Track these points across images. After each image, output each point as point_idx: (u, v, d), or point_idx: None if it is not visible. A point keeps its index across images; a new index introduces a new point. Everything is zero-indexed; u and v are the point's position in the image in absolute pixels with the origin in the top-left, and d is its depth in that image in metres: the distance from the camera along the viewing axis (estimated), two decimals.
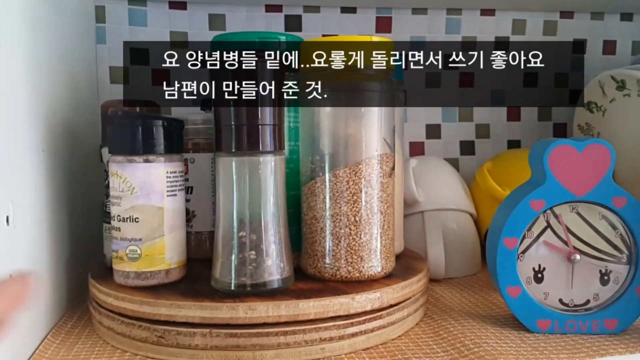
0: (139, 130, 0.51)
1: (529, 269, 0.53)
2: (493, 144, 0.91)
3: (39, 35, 0.54)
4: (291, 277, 0.51)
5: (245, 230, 0.49)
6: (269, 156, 0.49)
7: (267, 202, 0.49)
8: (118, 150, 0.51)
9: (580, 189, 0.51)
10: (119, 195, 0.51)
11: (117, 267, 0.52)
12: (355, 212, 0.53)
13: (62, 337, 0.53)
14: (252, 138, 0.48)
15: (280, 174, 0.50)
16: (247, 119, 0.48)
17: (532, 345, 0.50)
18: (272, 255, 0.49)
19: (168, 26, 0.80)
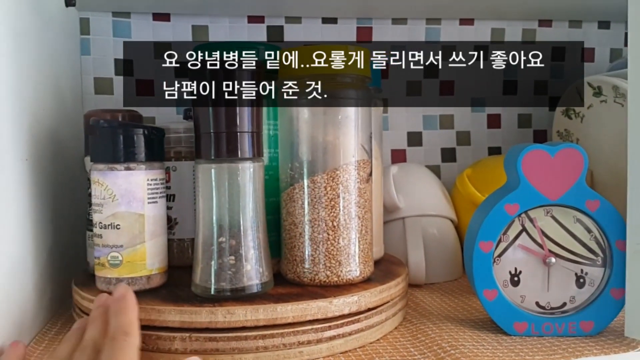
0: (120, 138, 0.51)
1: (505, 272, 0.54)
2: (474, 150, 0.93)
3: (23, 46, 0.54)
4: (270, 282, 0.52)
5: (225, 236, 0.50)
6: (247, 163, 0.50)
7: (246, 208, 0.50)
8: (99, 158, 0.52)
9: (554, 193, 0.52)
10: (100, 202, 0.52)
11: (99, 274, 0.53)
12: (333, 217, 0.53)
13: (45, 343, 0.53)
14: (230, 145, 0.49)
15: (259, 181, 0.51)
16: (226, 126, 0.49)
17: (508, 347, 0.50)
18: (251, 261, 0.50)
19: (152, 37, 0.81)
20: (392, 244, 0.72)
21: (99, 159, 0.52)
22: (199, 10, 0.82)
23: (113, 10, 0.79)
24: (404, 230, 0.73)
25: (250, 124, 0.49)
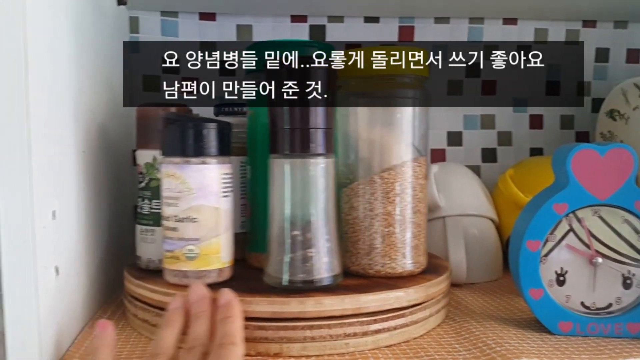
0: (196, 132, 0.52)
1: (551, 271, 0.54)
2: (515, 151, 0.92)
3: (82, 44, 0.56)
4: (341, 275, 0.53)
5: (298, 229, 0.51)
6: (320, 158, 0.51)
7: (319, 202, 0.51)
8: (174, 152, 0.52)
9: (602, 193, 0.52)
10: (175, 195, 0.52)
11: (172, 267, 0.53)
12: (399, 211, 0.57)
13: None
14: (304, 141, 0.50)
15: (330, 176, 0.52)
16: (301, 123, 0.50)
17: (553, 346, 0.50)
18: (323, 254, 0.51)
19: (198, 36, 0.83)
20: (433, 243, 0.72)
21: (174, 153, 0.52)
22: (244, 10, 0.83)
23: (161, 9, 0.81)
24: (444, 230, 0.73)
25: (323, 121, 0.51)
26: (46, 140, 0.45)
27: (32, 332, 0.43)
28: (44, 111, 0.45)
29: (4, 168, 0.41)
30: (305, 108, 0.50)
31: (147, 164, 0.58)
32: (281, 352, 0.48)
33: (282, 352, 0.48)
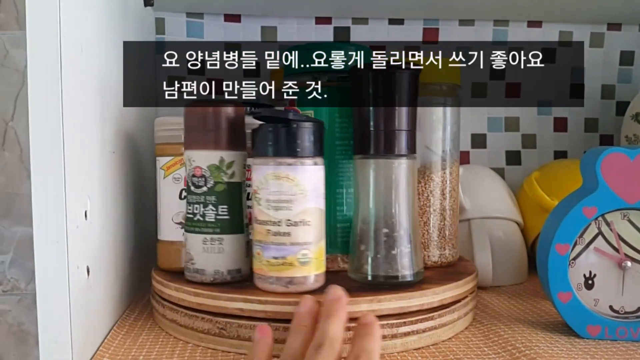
0: (310, 131, 0.50)
1: (579, 275, 0.54)
2: (539, 154, 0.92)
3: (110, 44, 0.57)
4: (421, 272, 0.54)
5: (381, 227, 0.53)
6: (403, 159, 0.53)
7: (402, 202, 0.53)
8: (285, 152, 0.50)
9: (632, 197, 0.52)
10: (289, 199, 0.49)
11: (282, 274, 0.50)
12: (450, 205, 0.63)
13: (126, 328, 0.56)
14: (388, 142, 0.52)
15: (413, 176, 0.54)
16: (386, 124, 0.52)
17: (582, 349, 0.50)
18: (405, 251, 0.52)
19: (223, 37, 0.83)
20: (459, 245, 0.72)
21: (285, 154, 0.50)
22: (268, 12, 0.84)
23: (187, 10, 0.82)
24: (469, 232, 0.73)
25: (407, 123, 0.53)
26: (77, 141, 0.46)
27: (64, 331, 0.43)
28: (75, 112, 0.45)
29: (39, 168, 0.42)
30: (390, 110, 0.52)
31: (212, 166, 0.53)
32: None
33: None
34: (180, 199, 0.59)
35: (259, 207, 0.50)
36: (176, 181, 0.59)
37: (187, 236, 0.54)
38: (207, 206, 0.53)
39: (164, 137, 0.60)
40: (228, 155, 0.53)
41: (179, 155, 0.58)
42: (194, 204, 0.53)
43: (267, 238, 0.50)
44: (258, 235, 0.51)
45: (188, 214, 0.54)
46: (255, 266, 0.51)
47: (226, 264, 0.53)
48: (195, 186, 0.53)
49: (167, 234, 0.59)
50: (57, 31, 0.41)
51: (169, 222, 0.59)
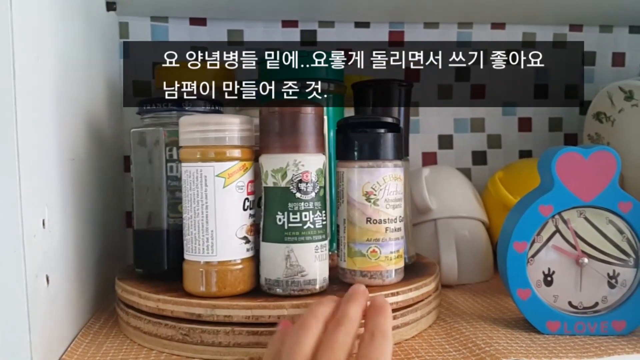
0: (402, 135, 0.57)
1: (538, 272, 0.55)
2: (505, 154, 0.93)
3: (69, 48, 0.57)
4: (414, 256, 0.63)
5: None
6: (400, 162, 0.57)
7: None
8: (397, 155, 0.55)
9: (587, 195, 0.53)
10: (400, 197, 0.55)
11: (395, 266, 0.55)
12: None
13: (91, 336, 0.56)
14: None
15: (406, 177, 0.61)
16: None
17: (542, 345, 0.51)
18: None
19: (189, 39, 0.83)
20: (424, 245, 0.73)
21: (395, 156, 0.55)
22: (235, 15, 0.83)
23: (151, 14, 0.82)
24: (435, 232, 0.74)
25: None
26: (33, 148, 0.45)
27: (24, 341, 0.43)
28: (30, 121, 0.45)
29: None
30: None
31: (319, 171, 0.52)
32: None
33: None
34: (244, 210, 0.53)
35: (375, 207, 0.54)
36: (240, 190, 0.52)
37: (293, 247, 0.51)
38: (316, 212, 0.52)
39: (219, 139, 0.52)
40: (325, 158, 0.54)
41: (243, 160, 0.52)
42: (301, 212, 0.51)
43: (385, 235, 0.54)
44: (374, 235, 0.54)
45: (293, 222, 0.51)
46: (365, 265, 0.54)
47: (327, 270, 0.54)
48: (302, 192, 0.51)
49: (228, 253, 0.52)
50: (10, 40, 0.41)
51: (231, 239, 0.52)
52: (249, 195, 0.53)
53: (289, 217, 0.51)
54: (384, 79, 0.64)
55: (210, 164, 0.51)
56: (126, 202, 0.80)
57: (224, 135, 0.52)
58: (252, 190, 0.53)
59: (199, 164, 0.52)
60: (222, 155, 0.51)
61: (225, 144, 0.52)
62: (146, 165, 0.58)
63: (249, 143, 0.53)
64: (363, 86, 0.63)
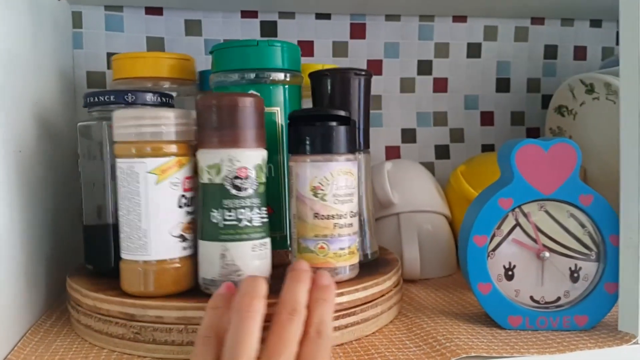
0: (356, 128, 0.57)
1: (499, 266, 0.54)
2: (467, 147, 0.93)
3: (16, 39, 0.54)
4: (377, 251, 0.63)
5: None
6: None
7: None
8: (348, 149, 0.53)
9: (547, 188, 0.53)
10: (352, 192, 0.53)
11: (345, 263, 0.53)
12: None
13: (40, 335, 0.54)
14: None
15: (367, 169, 0.61)
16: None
17: (503, 340, 0.51)
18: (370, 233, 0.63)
19: (145, 31, 0.81)
20: (387, 239, 0.72)
21: (347, 150, 0.53)
22: (192, 5, 0.81)
23: (105, 4, 0.79)
24: (398, 226, 0.73)
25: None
26: None
27: None
28: None
29: None
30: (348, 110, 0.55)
31: (257, 166, 0.49)
32: None
33: None
34: (179, 208, 0.50)
35: (323, 202, 0.51)
36: (174, 186, 0.50)
37: (228, 246, 0.49)
38: (254, 210, 0.49)
39: (152, 134, 0.49)
40: (265, 153, 0.51)
41: (176, 156, 0.50)
42: (237, 209, 0.48)
43: (334, 231, 0.52)
44: (322, 231, 0.52)
45: (228, 220, 0.48)
46: (314, 262, 0.51)
47: (269, 269, 0.51)
48: (238, 189, 0.48)
49: (162, 252, 0.50)
50: None
51: (164, 237, 0.50)
52: (185, 192, 0.51)
53: (224, 215, 0.48)
54: (341, 68, 0.62)
55: (142, 160, 0.49)
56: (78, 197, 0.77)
57: (156, 130, 0.49)
58: (190, 186, 0.51)
59: (131, 159, 0.49)
60: (154, 151, 0.49)
61: (157, 139, 0.49)
62: (92, 159, 0.56)
63: (186, 138, 0.50)
64: (320, 75, 0.60)
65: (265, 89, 0.56)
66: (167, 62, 0.64)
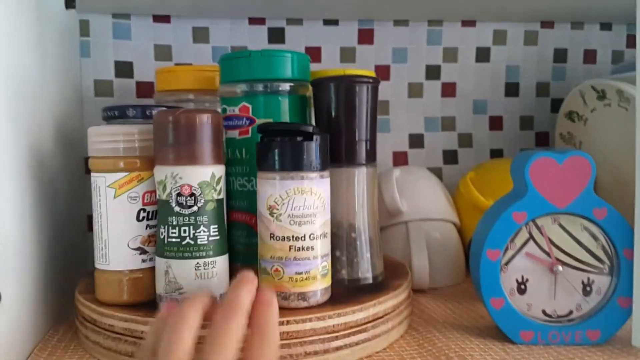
0: (325, 145, 0.51)
1: (512, 280, 0.54)
2: (476, 153, 0.92)
3: (23, 48, 0.54)
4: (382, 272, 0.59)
5: (351, 233, 0.57)
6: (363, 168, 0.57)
7: (367, 207, 0.57)
8: (309, 166, 0.49)
9: (561, 201, 0.52)
10: (313, 212, 0.49)
11: (302, 289, 0.50)
12: None
13: (48, 351, 0.53)
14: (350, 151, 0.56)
15: (373, 183, 0.58)
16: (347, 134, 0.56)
17: (515, 357, 0.50)
18: (375, 253, 0.57)
19: (152, 39, 0.80)
20: (395, 248, 0.72)
21: (310, 167, 0.49)
22: (200, 12, 0.81)
23: (113, 12, 0.79)
24: (407, 235, 0.72)
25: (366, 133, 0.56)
26: None
27: None
28: None
29: None
30: (352, 120, 0.56)
31: (203, 183, 0.48)
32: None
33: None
34: (138, 221, 0.52)
35: (277, 222, 0.49)
36: (133, 200, 0.52)
37: (171, 263, 0.48)
38: (199, 227, 0.48)
39: (111, 150, 0.51)
40: (218, 169, 0.49)
41: (135, 171, 0.51)
42: (180, 226, 0.48)
43: (289, 254, 0.49)
44: (277, 252, 0.49)
45: (172, 237, 0.48)
46: (271, 284, 0.49)
47: (218, 289, 0.49)
48: (182, 206, 0.48)
49: (120, 263, 0.52)
50: None
51: (122, 249, 0.52)
52: (145, 206, 0.52)
53: (169, 231, 0.48)
54: (346, 75, 0.60)
55: (101, 175, 0.52)
56: (87, 205, 0.77)
57: (114, 147, 0.51)
58: (153, 200, 0.52)
59: (95, 174, 0.52)
60: (111, 166, 0.52)
61: (114, 155, 0.51)
62: None
63: (149, 153, 0.51)
64: (321, 83, 0.57)
65: (273, 99, 0.56)
66: (210, 74, 0.67)
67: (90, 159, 0.53)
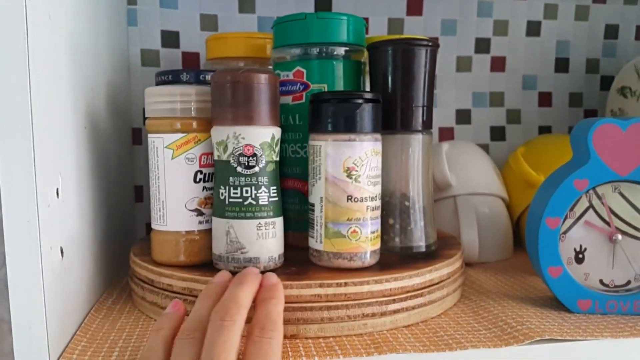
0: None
1: (570, 249, 0.53)
2: (524, 129, 0.91)
3: (78, 17, 0.54)
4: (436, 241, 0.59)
5: (404, 201, 0.56)
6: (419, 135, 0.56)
7: (420, 176, 0.57)
8: (378, 128, 0.50)
9: (624, 169, 0.51)
10: (379, 173, 0.51)
11: (375, 247, 0.51)
12: None
13: (104, 311, 0.54)
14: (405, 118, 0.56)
15: (428, 151, 0.57)
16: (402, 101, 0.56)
17: (574, 324, 0.49)
18: (428, 221, 0.57)
19: (198, 9, 0.80)
20: (444, 221, 0.71)
21: (378, 129, 0.50)
22: None
23: None
24: (455, 209, 0.71)
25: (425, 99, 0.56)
26: (47, 115, 0.43)
27: (39, 315, 0.41)
28: (45, 84, 0.43)
29: (6, 144, 0.39)
30: (408, 86, 0.55)
31: (264, 144, 0.49)
32: (297, 333, 0.47)
33: (299, 334, 0.47)
34: (195, 182, 0.52)
35: (356, 184, 0.49)
36: (190, 162, 0.52)
37: (233, 223, 0.49)
38: (260, 188, 0.49)
39: (169, 111, 0.51)
40: (277, 131, 0.50)
41: (192, 132, 0.51)
42: (242, 187, 0.48)
43: (366, 214, 0.50)
44: (355, 214, 0.49)
45: (233, 198, 0.49)
46: (344, 247, 0.50)
47: (278, 249, 0.50)
48: (244, 166, 0.48)
49: (177, 224, 0.52)
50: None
51: (180, 210, 0.52)
52: (202, 168, 0.52)
53: (230, 192, 0.49)
54: (404, 38, 0.59)
55: (160, 136, 0.52)
56: (136, 176, 0.78)
57: (172, 107, 0.51)
58: (210, 162, 0.52)
59: (153, 135, 0.52)
60: (169, 127, 0.51)
61: (173, 116, 0.51)
62: None
63: (206, 115, 0.51)
64: (378, 47, 0.56)
65: (328, 64, 0.55)
66: (260, 42, 0.67)
67: (148, 120, 0.53)
